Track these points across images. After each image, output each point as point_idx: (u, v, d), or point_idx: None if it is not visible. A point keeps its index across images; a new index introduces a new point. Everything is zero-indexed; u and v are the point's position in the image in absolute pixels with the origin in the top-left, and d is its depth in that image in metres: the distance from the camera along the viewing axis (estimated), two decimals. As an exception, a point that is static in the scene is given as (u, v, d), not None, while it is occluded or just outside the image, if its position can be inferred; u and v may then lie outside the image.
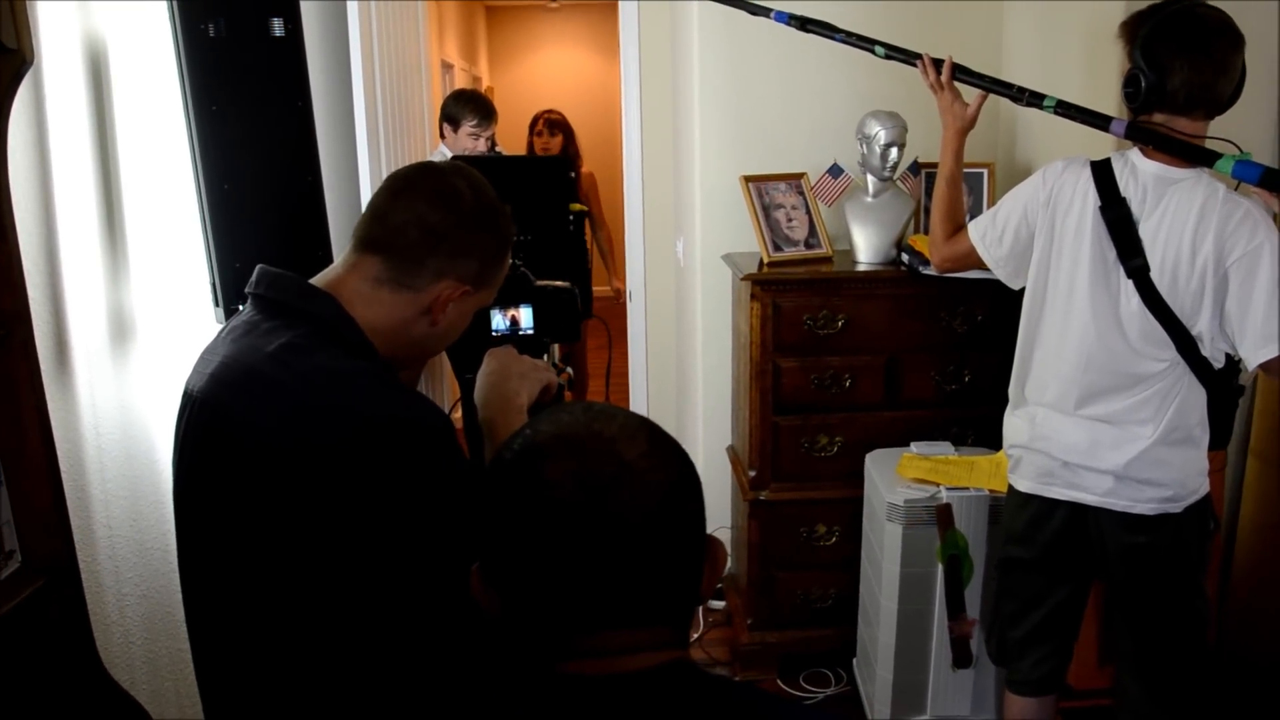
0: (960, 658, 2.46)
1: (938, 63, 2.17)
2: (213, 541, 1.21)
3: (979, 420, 2.79)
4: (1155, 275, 1.87)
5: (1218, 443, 1.98)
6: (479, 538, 0.88)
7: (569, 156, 4.60)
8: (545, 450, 0.85)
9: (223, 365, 1.21)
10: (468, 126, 3.75)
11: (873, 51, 2.20)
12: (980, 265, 2.16)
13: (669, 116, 3.79)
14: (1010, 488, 2.15)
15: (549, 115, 4.77)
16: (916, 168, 2.97)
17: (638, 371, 4.13)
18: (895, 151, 2.79)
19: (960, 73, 2.15)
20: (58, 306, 1.70)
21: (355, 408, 1.15)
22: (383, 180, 1.32)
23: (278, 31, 1.99)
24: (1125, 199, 1.89)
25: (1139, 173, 1.90)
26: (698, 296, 3.31)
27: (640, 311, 4.05)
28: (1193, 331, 1.87)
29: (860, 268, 2.87)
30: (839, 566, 2.89)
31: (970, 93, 2.16)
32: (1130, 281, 1.89)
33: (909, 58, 2.19)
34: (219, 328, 1.32)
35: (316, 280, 1.26)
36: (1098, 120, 1.93)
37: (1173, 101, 1.83)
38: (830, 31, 2.25)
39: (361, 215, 1.28)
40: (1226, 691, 2.53)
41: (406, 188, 1.27)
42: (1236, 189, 1.85)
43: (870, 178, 2.87)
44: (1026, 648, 2.16)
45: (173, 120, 2.02)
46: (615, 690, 0.82)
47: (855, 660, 2.91)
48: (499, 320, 1.60)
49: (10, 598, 1.42)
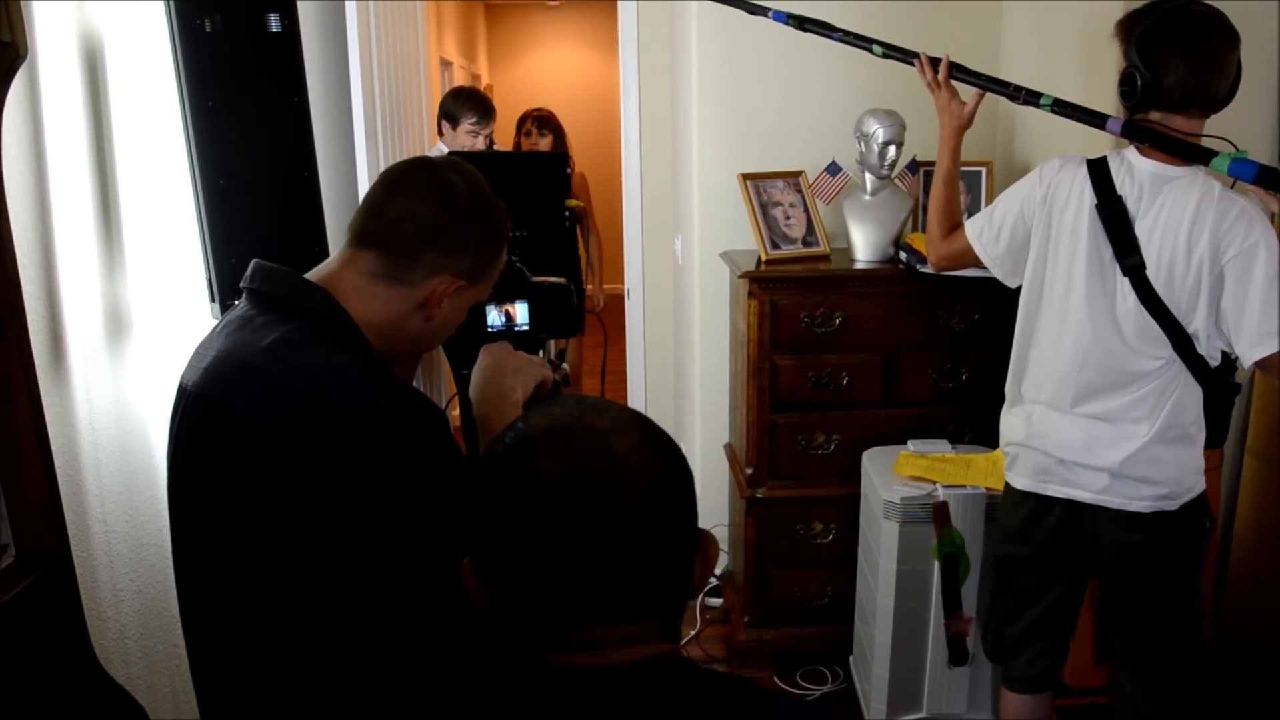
0: (956, 655, 2.46)
1: (935, 61, 2.17)
2: (207, 536, 1.21)
3: (976, 418, 2.79)
4: (1151, 273, 1.87)
5: (1214, 441, 1.98)
6: (471, 530, 0.88)
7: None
8: (537, 443, 0.85)
9: (217, 360, 1.21)
10: (467, 124, 3.74)
11: (870, 50, 2.21)
12: (977, 263, 2.16)
13: (668, 114, 3.79)
14: (1006, 485, 2.16)
15: (538, 113, 4.52)
16: (914, 166, 2.98)
17: (635, 369, 4.13)
18: (893, 150, 2.80)
19: (957, 71, 2.15)
20: (53, 301, 1.70)
21: (349, 402, 1.15)
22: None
23: (274, 27, 1.99)
24: (1121, 197, 1.90)
25: (1135, 171, 1.90)
26: (695, 294, 3.32)
27: (638, 309, 4.05)
28: (1188, 329, 1.87)
29: (858, 266, 2.88)
30: (835, 564, 2.90)
31: (968, 91, 2.16)
32: (1126, 279, 1.89)
33: (906, 56, 2.19)
34: (215, 323, 1.32)
35: (312, 275, 1.26)
36: (1094, 118, 1.94)
37: (1168, 99, 1.83)
38: (828, 31, 2.25)
39: (357, 210, 1.28)
40: (1222, 689, 2.53)
41: (402, 183, 1.27)
42: (1233, 187, 1.85)
43: (868, 176, 2.87)
44: (1022, 645, 2.16)
45: (169, 115, 2.01)
46: (605, 683, 0.82)
47: (852, 658, 2.91)
48: (494, 316, 1.60)
49: (4, 592, 1.42)
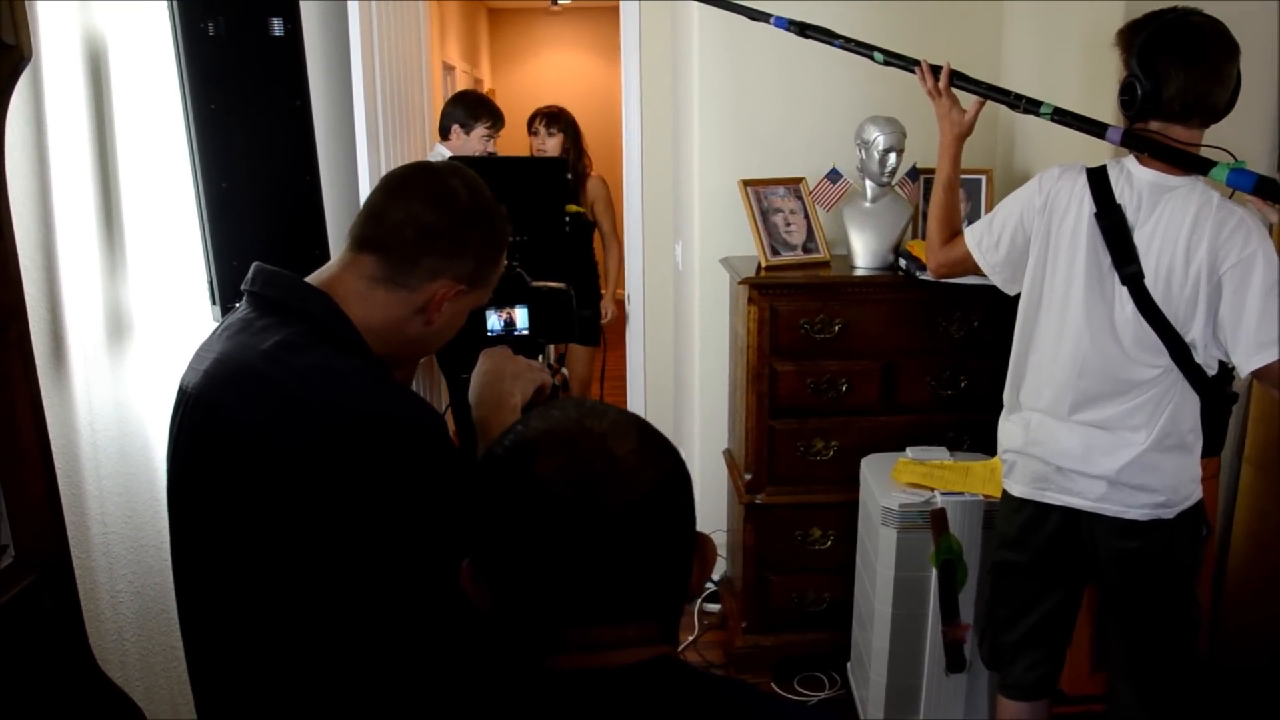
0: (953, 662, 2.46)
1: (935, 69, 2.17)
2: (206, 538, 1.22)
3: (974, 425, 2.80)
4: (1149, 282, 1.87)
5: (1211, 449, 1.99)
6: (470, 532, 0.88)
7: (575, 156, 4.13)
8: (536, 446, 0.86)
9: (217, 362, 1.21)
10: (481, 129, 3.72)
11: (871, 57, 2.21)
12: (977, 271, 2.17)
13: (669, 120, 3.80)
14: (1004, 493, 2.16)
15: (547, 110, 4.15)
16: (915, 173, 2.98)
17: (635, 374, 4.13)
18: (893, 157, 2.80)
19: (958, 79, 2.15)
20: (55, 303, 1.70)
21: (349, 405, 1.15)
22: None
23: (277, 31, 2.00)
24: (1120, 206, 1.90)
25: (1134, 180, 1.90)
26: (696, 300, 3.32)
27: (638, 314, 4.06)
28: (1186, 338, 1.87)
29: (858, 272, 2.88)
30: (833, 570, 2.90)
31: (968, 99, 2.16)
32: (1125, 288, 1.90)
33: (907, 64, 2.20)
34: (215, 325, 1.32)
35: (312, 279, 1.26)
36: (1094, 127, 1.94)
37: (1168, 109, 1.84)
38: (829, 37, 2.26)
39: (358, 214, 1.29)
40: (1218, 697, 2.53)
41: (402, 187, 1.28)
42: (1231, 197, 1.86)
43: (868, 183, 2.88)
44: (1019, 652, 2.16)
45: (171, 118, 2.02)
46: (603, 685, 0.83)
47: (849, 664, 2.91)
48: (494, 320, 1.61)
49: (3, 592, 1.43)
